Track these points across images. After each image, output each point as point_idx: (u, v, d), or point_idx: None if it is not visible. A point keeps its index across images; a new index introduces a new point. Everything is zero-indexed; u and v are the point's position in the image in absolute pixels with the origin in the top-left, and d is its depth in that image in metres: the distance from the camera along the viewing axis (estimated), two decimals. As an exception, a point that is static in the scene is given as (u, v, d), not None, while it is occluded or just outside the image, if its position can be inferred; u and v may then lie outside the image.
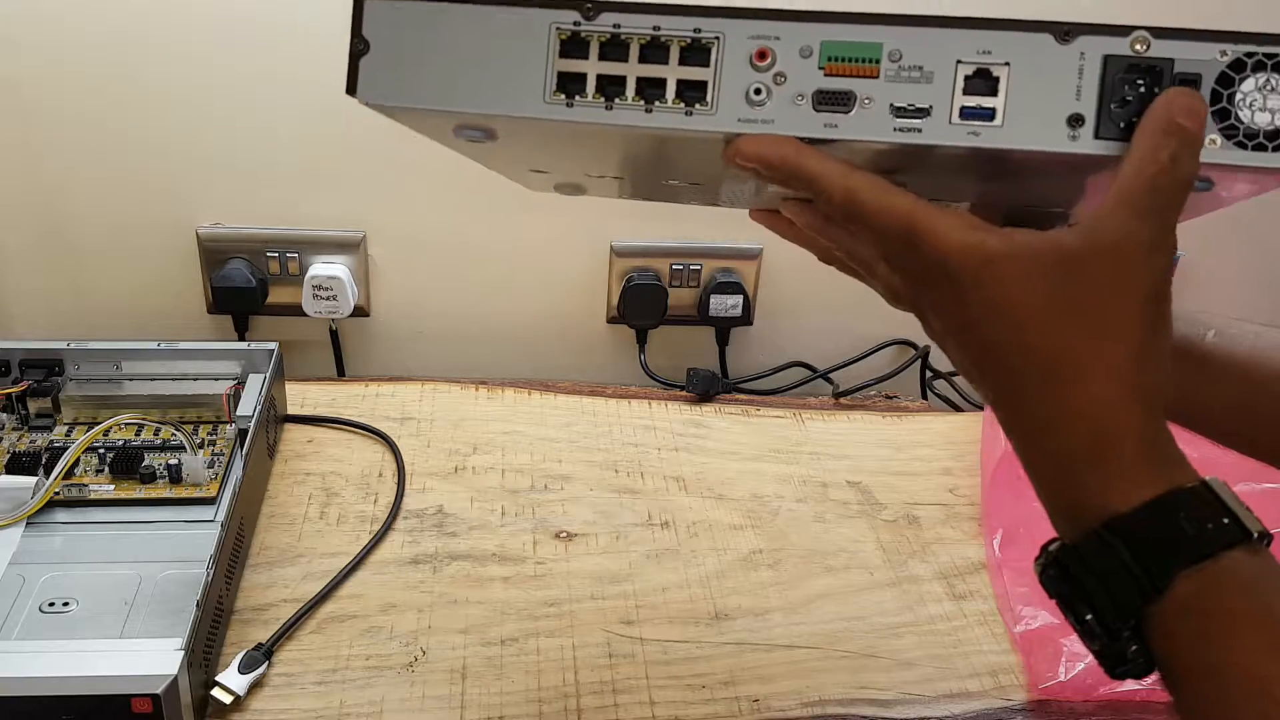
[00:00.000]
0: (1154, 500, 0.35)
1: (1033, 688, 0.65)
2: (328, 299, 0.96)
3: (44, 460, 0.73)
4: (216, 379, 0.81)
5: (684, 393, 0.96)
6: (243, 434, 0.73)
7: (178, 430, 0.73)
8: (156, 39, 0.88)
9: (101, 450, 0.75)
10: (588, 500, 0.80)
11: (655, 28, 0.38)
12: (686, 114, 0.38)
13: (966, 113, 0.37)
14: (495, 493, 0.80)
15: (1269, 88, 0.36)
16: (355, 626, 0.67)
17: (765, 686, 0.64)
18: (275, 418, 0.82)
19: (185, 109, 0.91)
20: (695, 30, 0.38)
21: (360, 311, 0.99)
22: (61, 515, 0.70)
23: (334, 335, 1.00)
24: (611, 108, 0.39)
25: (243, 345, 0.83)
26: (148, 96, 0.90)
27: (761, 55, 0.38)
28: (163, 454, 0.75)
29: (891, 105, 0.38)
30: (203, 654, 0.60)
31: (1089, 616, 0.36)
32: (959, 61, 0.37)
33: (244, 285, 0.95)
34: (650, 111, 0.38)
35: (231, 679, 0.61)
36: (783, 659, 0.67)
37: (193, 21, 0.87)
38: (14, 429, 0.78)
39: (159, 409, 0.78)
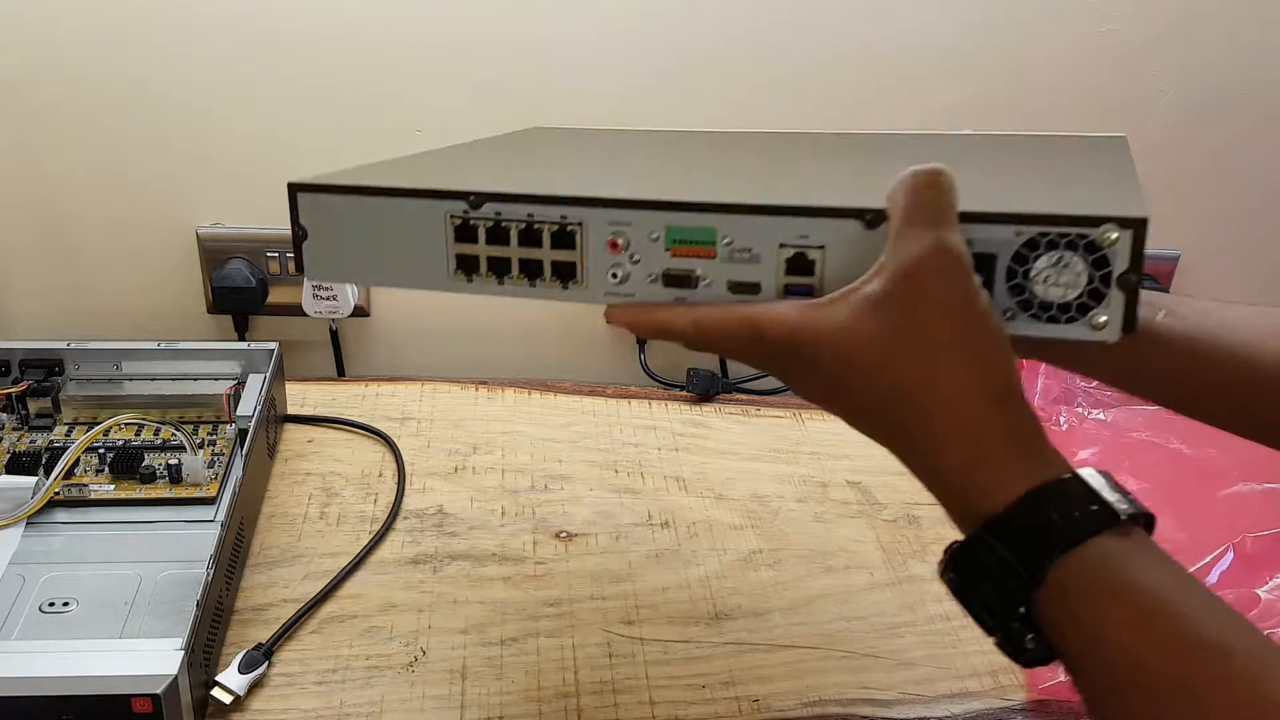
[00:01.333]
0: (1024, 496, 0.37)
1: (1033, 688, 0.65)
2: (328, 299, 0.96)
3: (44, 460, 0.73)
4: (216, 379, 0.81)
5: (684, 393, 0.96)
6: (243, 434, 0.73)
7: (178, 430, 0.73)
8: (156, 39, 0.88)
9: (101, 450, 0.75)
10: (588, 500, 0.80)
11: (529, 215, 0.44)
12: (563, 289, 0.45)
13: (790, 289, 0.42)
14: (495, 493, 0.80)
15: (1060, 264, 0.38)
16: (355, 626, 0.67)
17: (765, 687, 0.64)
18: (275, 418, 0.82)
19: (185, 109, 0.91)
20: (562, 218, 0.44)
21: (360, 311, 0.99)
22: (62, 515, 0.70)
23: (334, 335, 1.00)
24: (502, 283, 0.46)
25: (243, 345, 0.83)
26: (148, 96, 0.90)
27: (614, 245, 0.44)
28: (163, 454, 0.75)
29: (728, 281, 0.43)
30: (203, 654, 0.60)
31: (983, 612, 0.39)
32: (781, 245, 0.42)
33: (244, 285, 0.95)
34: (534, 286, 0.45)
35: (231, 679, 0.61)
36: (783, 659, 0.67)
37: (192, 21, 0.87)
38: (14, 429, 0.78)
39: (159, 409, 0.78)
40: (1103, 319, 0.39)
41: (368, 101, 0.92)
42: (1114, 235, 0.37)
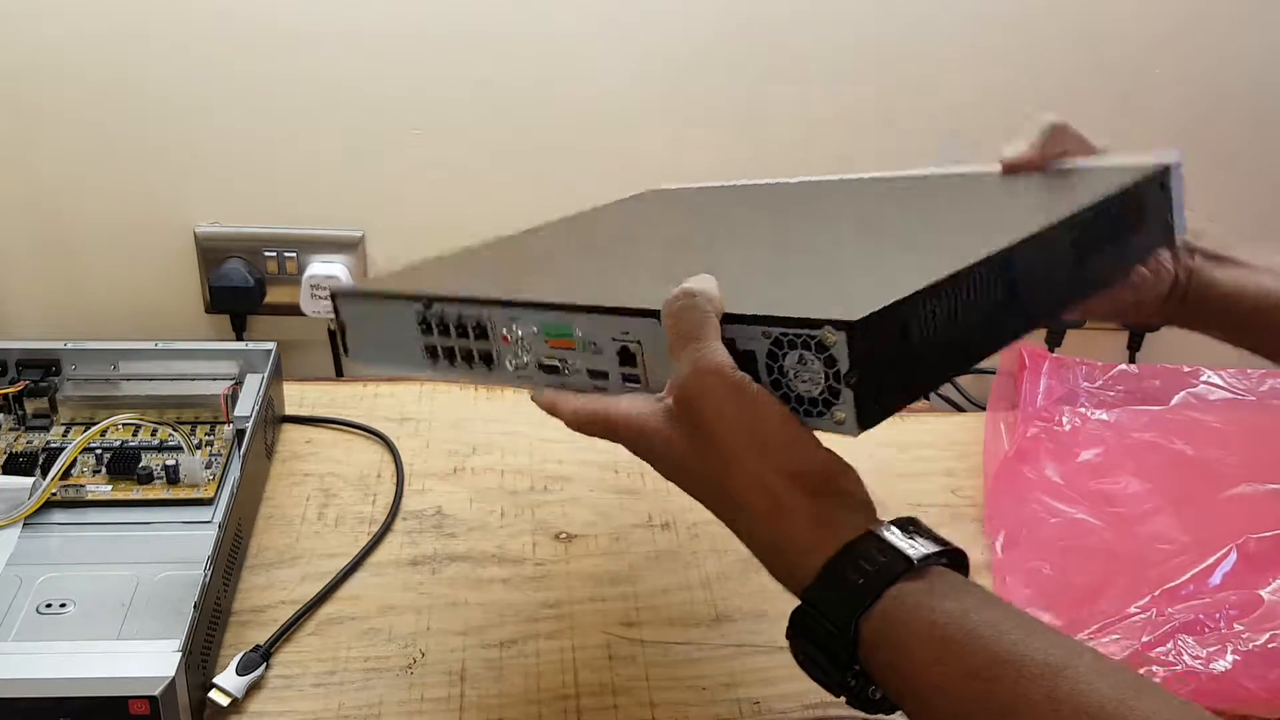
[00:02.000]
0: (825, 564, 0.41)
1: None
2: (326, 298, 0.96)
3: (41, 461, 0.73)
4: (214, 379, 0.81)
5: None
6: (240, 434, 0.73)
7: (175, 431, 0.73)
8: (154, 38, 0.87)
9: (99, 451, 0.74)
10: (587, 501, 0.80)
11: (459, 315, 0.53)
12: (488, 371, 0.53)
13: (625, 378, 0.48)
14: (494, 494, 0.80)
15: (802, 363, 0.41)
16: (354, 628, 0.67)
17: (766, 689, 0.64)
18: (273, 418, 0.82)
19: (183, 108, 0.90)
20: (476, 316, 0.52)
21: (359, 311, 0.99)
22: (59, 516, 0.69)
23: (332, 335, 1.00)
24: (454, 365, 0.55)
25: (240, 345, 0.82)
26: (146, 96, 0.90)
27: (505, 339, 0.52)
28: (160, 454, 0.74)
29: (587, 369, 0.49)
30: (200, 656, 0.59)
31: (821, 675, 0.42)
32: (613, 339, 0.47)
33: (242, 285, 0.95)
34: (471, 369, 0.54)
35: (229, 681, 0.61)
36: (784, 661, 0.66)
37: (191, 21, 0.87)
38: (11, 429, 0.77)
39: (156, 409, 0.78)
40: (840, 415, 0.41)
41: (367, 101, 0.91)
42: (832, 338, 0.39)
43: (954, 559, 0.42)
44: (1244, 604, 0.69)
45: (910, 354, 0.42)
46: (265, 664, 0.63)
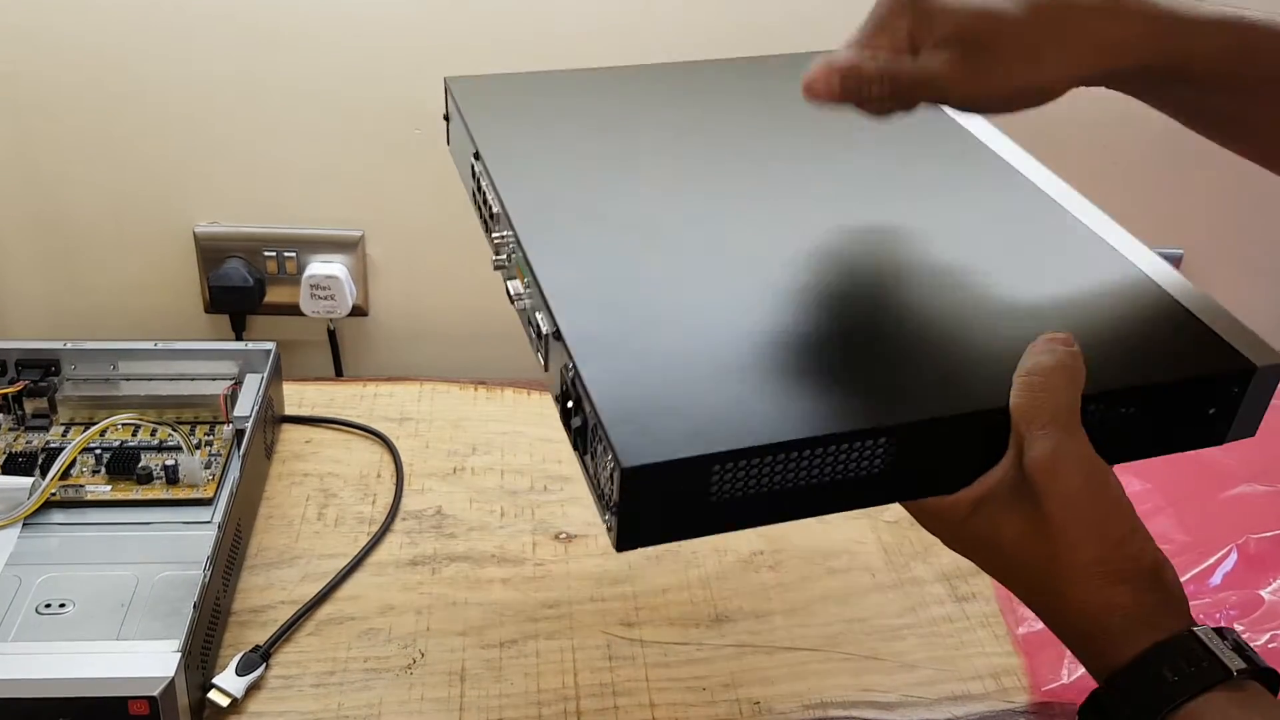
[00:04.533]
0: (1139, 656, 0.40)
1: (1035, 690, 0.65)
2: (325, 298, 0.96)
3: (40, 461, 0.73)
4: (214, 379, 0.81)
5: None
6: (240, 434, 0.73)
7: (175, 431, 0.73)
8: (154, 38, 0.87)
9: (98, 451, 0.74)
10: (587, 501, 0.80)
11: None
12: None
13: None
14: (494, 494, 0.80)
15: (603, 459, 0.39)
16: (353, 628, 0.67)
17: (766, 689, 0.64)
18: (273, 418, 0.82)
19: (183, 108, 0.90)
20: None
21: (358, 311, 0.99)
22: (58, 516, 0.69)
23: (332, 335, 1.00)
24: None
25: (240, 345, 0.82)
26: (145, 95, 0.90)
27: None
28: (160, 455, 0.74)
29: None
30: (200, 656, 0.59)
31: None
32: None
33: (241, 285, 0.95)
34: None
35: (228, 681, 0.61)
36: (784, 661, 0.66)
37: (190, 20, 0.87)
38: (10, 429, 0.77)
39: (156, 409, 0.78)
40: (609, 524, 0.40)
41: (367, 101, 0.91)
42: (612, 466, 0.38)
43: (1267, 677, 0.41)
44: (1244, 604, 0.69)
45: (701, 503, 0.39)
46: (265, 664, 0.63)
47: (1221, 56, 0.45)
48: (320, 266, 0.96)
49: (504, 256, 0.51)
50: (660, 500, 0.39)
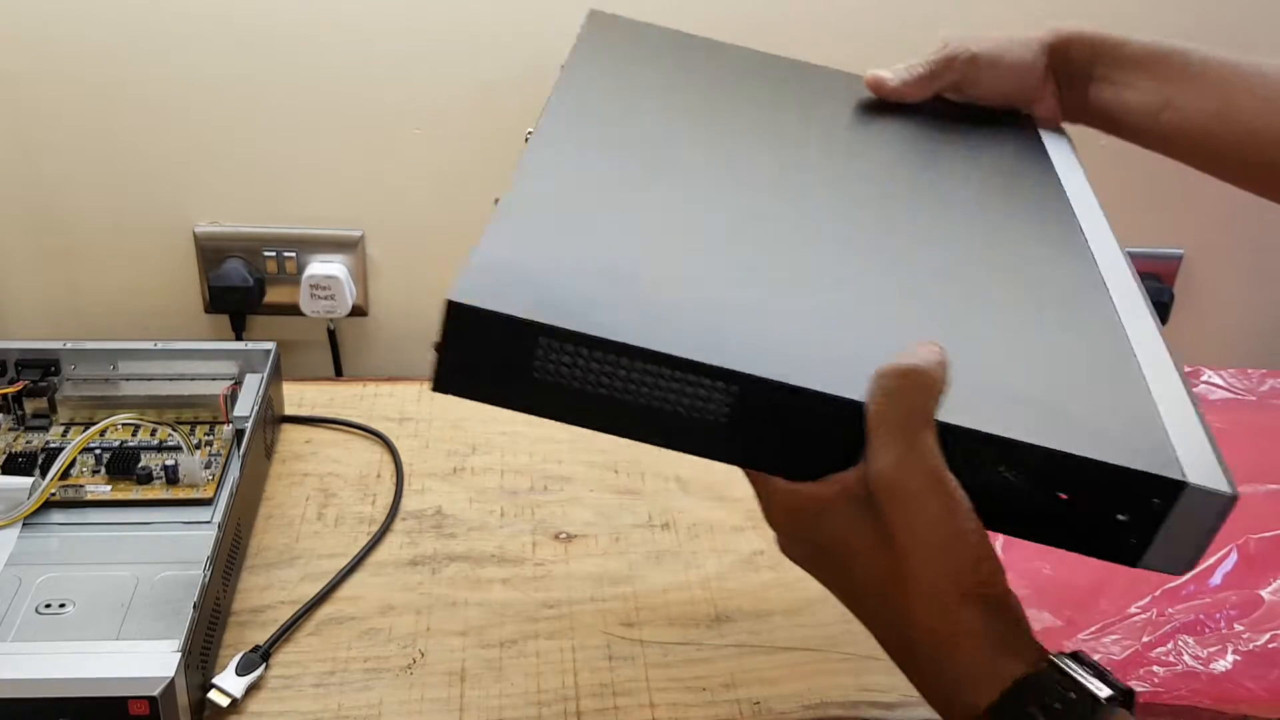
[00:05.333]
0: (1003, 695, 0.37)
1: (1035, 690, 0.65)
2: (325, 298, 0.96)
3: (40, 461, 0.73)
4: (213, 379, 0.81)
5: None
6: (240, 434, 0.73)
7: (174, 431, 0.73)
8: (154, 37, 0.87)
9: (98, 451, 0.74)
10: (587, 501, 0.80)
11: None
12: None
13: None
14: (494, 494, 0.80)
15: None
16: (353, 628, 0.67)
17: (767, 689, 0.64)
18: (272, 418, 0.82)
19: (182, 107, 0.90)
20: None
21: (358, 311, 0.99)
22: (58, 516, 0.69)
23: (332, 335, 1.00)
24: None
25: (240, 345, 0.82)
26: (145, 95, 0.90)
27: None
28: (159, 455, 0.74)
29: None
30: (200, 656, 0.59)
31: None
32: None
33: (241, 284, 0.95)
34: None
35: (228, 681, 0.61)
36: (784, 661, 0.66)
37: (190, 20, 0.87)
38: (10, 429, 0.77)
39: (156, 409, 0.78)
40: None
41: (367, 101, 0.91)
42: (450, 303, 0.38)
43: (1129, 697, 0.39)
44: (1244, 604, 0.69)
45: (524, 374, 0.39)
46: (265, 664, 0.63)
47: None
48: (320, 266, 0.96)
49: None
50: (482, 351, 0.39)
